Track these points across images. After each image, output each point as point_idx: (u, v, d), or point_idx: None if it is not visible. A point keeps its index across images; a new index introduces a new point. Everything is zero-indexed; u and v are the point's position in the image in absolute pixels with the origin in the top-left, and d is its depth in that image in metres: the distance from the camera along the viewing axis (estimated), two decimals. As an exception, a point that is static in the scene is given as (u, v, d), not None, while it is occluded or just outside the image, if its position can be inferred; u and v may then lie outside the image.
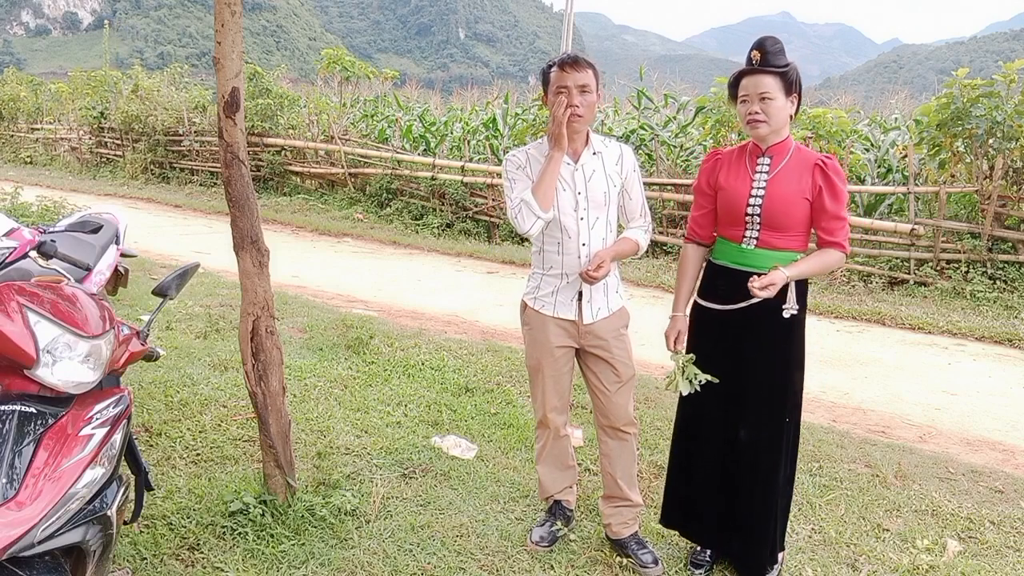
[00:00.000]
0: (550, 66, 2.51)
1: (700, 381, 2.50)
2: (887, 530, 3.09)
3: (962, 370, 5.72)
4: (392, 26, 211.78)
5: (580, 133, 2.54)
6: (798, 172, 2.41)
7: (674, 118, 12.36)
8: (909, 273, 8.38)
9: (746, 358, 2.48)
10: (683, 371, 2.53)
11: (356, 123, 14.02)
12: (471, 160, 11.51)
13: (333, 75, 14.41)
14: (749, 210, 2.42)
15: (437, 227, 11.10)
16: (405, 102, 16.27)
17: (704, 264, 2.65)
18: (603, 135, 2.67)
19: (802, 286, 2.46)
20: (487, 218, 11.15)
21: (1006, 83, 7.80)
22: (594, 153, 2.58)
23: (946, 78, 8.29)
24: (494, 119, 13.64)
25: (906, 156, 8.89)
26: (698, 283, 2.64)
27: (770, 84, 2.34)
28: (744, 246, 2.46)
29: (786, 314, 2.43)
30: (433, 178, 11.36)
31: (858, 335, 6.50)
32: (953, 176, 8.60)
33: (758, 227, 2.43)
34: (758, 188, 2.42)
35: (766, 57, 2.34)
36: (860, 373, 5.46)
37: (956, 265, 8.21)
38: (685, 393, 2.52)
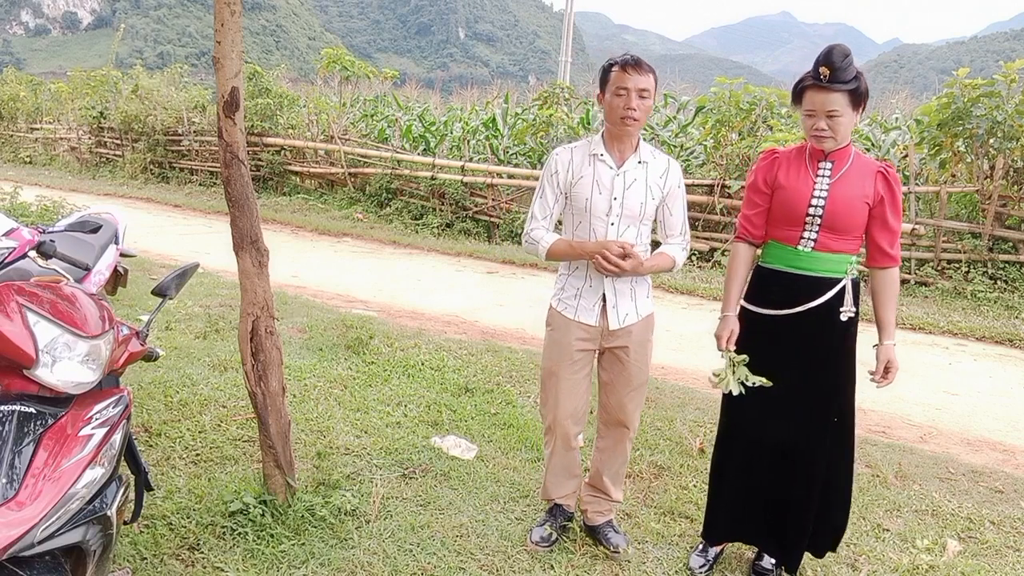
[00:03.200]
0: (611, 65, 2.48)
1: (752, 383, 2.48)
2: (887, 530, 3.09)
3: (963, 370, 5.72)
4: (392, 26, 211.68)
5: (632, 137, 2.53)
6: (860, 177, 2.40)
7: (674, 118, 12.36)
8: (910, 273, 8.38)
9: (798, 361, 2.48)
10: (734, 371, 2.50)
11: (356, 123, 14.02)
12: (471, 160, 11.50)
13: (333, 75, 14.40)
14: (811, 210, 2.41)
15: (437, 227, 11.09)
16: (405, 102, 16.26)
17: (752, 268, 2.63)
18: (653, 146, 2.64)
19: (856, 288, 2.47)
20: (487, 218, 11.15)
21: (1006, 83, 7.80)
22: (639, 162, 2.54)
23: (946, 78, 8.30)
24: (494, 119, 13.63)
25: (907, 156, 8.89)
26: (746, 286, 2.62)
27: (838, 101, 2.31)
28: (801, 248, 2.45)
29: (843, 317, 2.45)
30: (433, 178, 11.36)
31: (858, 335, 6.49)
32: (953, 176, 8.61)
33: (817, 228, 2.42)
34: (821, 189, 2.41)
35: (835, 74, 2.28)
36: (860, 373, 5.45)
37: (957, 265, 8.22)
38: (735, 393, 2.48)
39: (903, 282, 8.37)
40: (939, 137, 8.29)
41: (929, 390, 5.18)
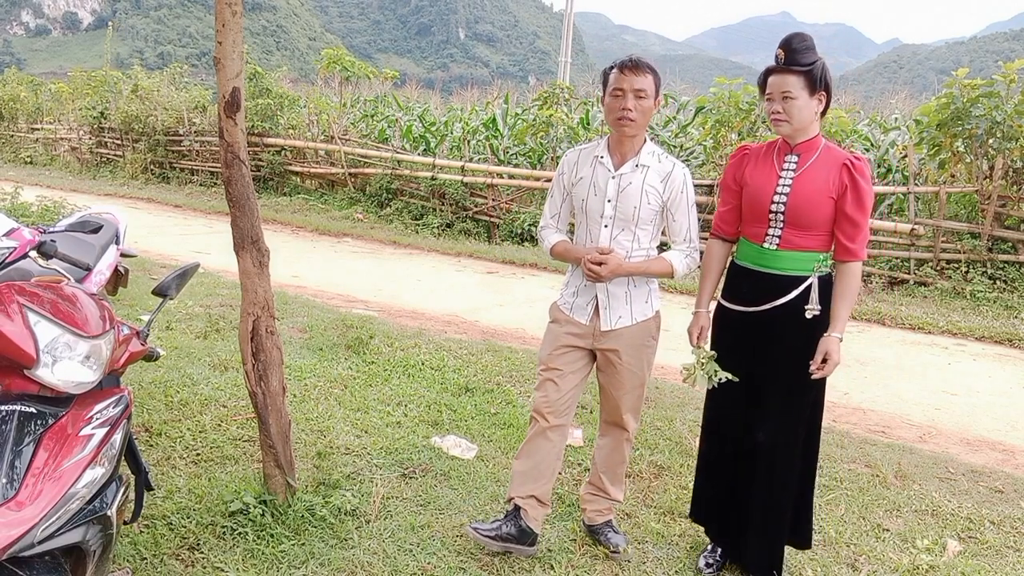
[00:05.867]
0: (610, 68, 2.50)
1: (720, 379, 2.50)
2: (887, 530, 3.09)
3: (962, 370, 5.73)
4: (392, 26, 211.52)
5: (631, 138, 2.52)
6: (825, 170, 2.39)
7: (674, 118, 12.38)
8: (909, 273, 8.38)
9: (767, 359, 2.49)
10: (703, 366, 2.53)
11: (356, 123, 14.02)
12: (471, 160, 11.51)
13: (333, 75, 14.41)
14: (773, 207, 2.41)
15: (437, 227, 11.10)
16: (405, 102, 16.27)
17: (728, 263, 2.65)
18: (662, 151, 2.64)
19: (825, 286, 2.46)
20: (487, 218, 11.15)
21: (1006, 83, 7.80)
22: (637, 165, 2.53)
23: (946, 78, 8.30)
24: (494, 119, 13.65)
25: (906, 156, 8.89)
26: (722, 282, 2.64)
27: (792, 83, 2.34)
28: (766, 246, 2.45)
29: (808, 315, 2.44)
30: (433, 178, 11.36)
31: (858, 335, 6.50)
32: (953, 176, 8.61)
33: (781, 225, 2.42)
34: (784, 184, 2.42)
35: (791, 55, 2.34)
36: (860, 373, 5.46)
37: (956, 265, 8.22)
38: (704, 388, 2.52)
39: (902, 282, 8.37)
40: (938, 137, 8.29)
41: (928, 390, 5.18)
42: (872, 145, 10.51)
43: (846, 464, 3.70)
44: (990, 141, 7.98)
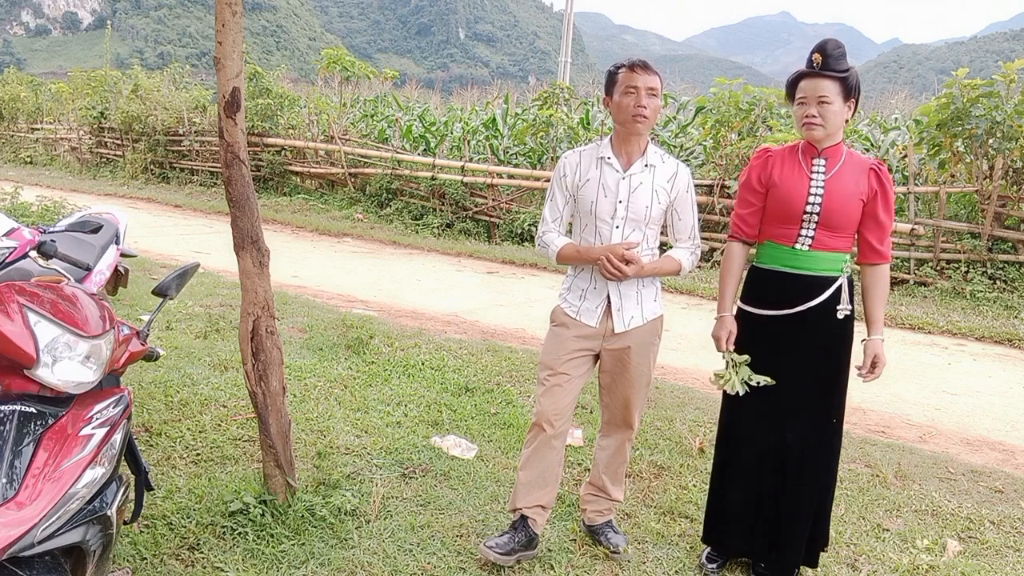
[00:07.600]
0: (618, 68, 2.50)
1: (755, 382, 2.47)
2: (887, 530, 3.09)
3: (962, 370, 5.73)
4: (392, 26, 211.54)
5: (641, 136, 2.52)
6: (854, 173, 2.42)
7: (674, 118, 12.39)
8: (909, 273, 8.38)
9: (797, 361, 2.48)
10: (737, 371, 2.50)
11: (356, 123, 14.03)
12: (471, 160, 11.51)
13: (333, 75, 14.41)
14: (808, 208, 2.42)
15: (437, 227, 11.10)
16: (405, 102, 16.29)
17: (747, 268, 2.63)
18: (662, 150, 2.66)
19: (851, 285, 2.48)
20: (487, 218, 11.16)
21: (1006, 83, 7.81)
22: (646, 165, 2.54)
23: (946, 78, 8.31)
24: (494, 119, 13.65)
25: (906, 156, 8.90)
26: (740, 287, 2.62)
27: (829, 88, 2.35)
28: (798, 248, 2.45)
29: (840, 315, 2.46)
30: (433, 178, 11.36)
31: (858, 335, 6.49)
32: (953, 176, 8.62)
33: (815, 226, 2.42)
34: (817, 186, 2.42)
35: (827, 61, 2.35)
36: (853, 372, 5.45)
37: (956, 265, 8.22)
38: (741, 393, 2.48)
39: (902, 282, 8.37)
40: (938, 137, 8.30)
41: (928, 390, 5.18)
42: (872, 145, 10.52)
43: (846, 464, 3.70)
44: (990, 141, 7.98)
